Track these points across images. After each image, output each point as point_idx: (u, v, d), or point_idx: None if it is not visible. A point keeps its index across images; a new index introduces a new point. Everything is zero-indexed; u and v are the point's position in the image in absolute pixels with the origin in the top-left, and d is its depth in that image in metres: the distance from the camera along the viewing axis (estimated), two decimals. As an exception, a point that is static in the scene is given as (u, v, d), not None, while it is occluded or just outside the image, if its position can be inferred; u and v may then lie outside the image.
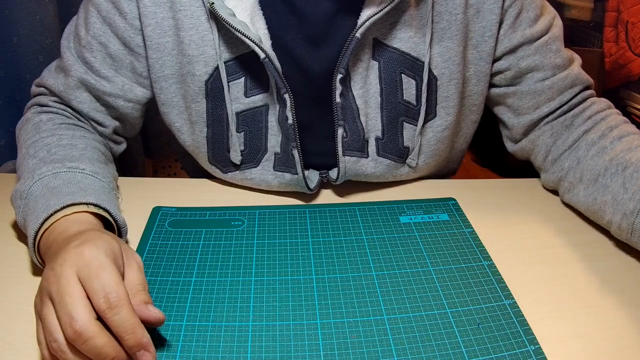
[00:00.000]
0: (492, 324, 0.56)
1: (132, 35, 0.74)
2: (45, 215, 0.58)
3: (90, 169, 0.67)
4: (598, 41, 1.75)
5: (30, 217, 0.61)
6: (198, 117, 0.76)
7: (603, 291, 0.61)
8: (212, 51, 0.72)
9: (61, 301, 0.47)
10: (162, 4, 0.72)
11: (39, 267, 0.63)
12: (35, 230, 0.58)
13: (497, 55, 0.78)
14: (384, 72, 0.73)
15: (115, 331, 0.48)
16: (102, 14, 0.74)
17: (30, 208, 0.62)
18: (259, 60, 0.69)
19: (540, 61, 0.77)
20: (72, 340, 0.46)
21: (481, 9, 0.74)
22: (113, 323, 0.48)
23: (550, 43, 0.77)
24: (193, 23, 0.71)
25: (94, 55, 0.75)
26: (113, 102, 0.77)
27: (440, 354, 0.53)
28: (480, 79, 0.78)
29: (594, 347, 0.54)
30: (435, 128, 0.78)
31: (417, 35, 0.72)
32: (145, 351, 0.49)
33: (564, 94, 0.78)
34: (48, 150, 0.69)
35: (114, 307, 0.48)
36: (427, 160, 0.80)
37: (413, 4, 0.71)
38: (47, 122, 0.74)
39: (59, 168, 0.65)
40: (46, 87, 0.78)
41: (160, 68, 0.75)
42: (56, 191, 0.62)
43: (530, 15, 0.76)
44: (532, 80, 0.78)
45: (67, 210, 0.60)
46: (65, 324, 0.47)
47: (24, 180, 0.65)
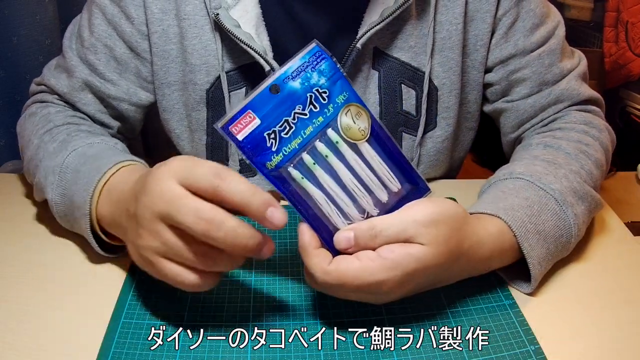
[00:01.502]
0: (492, 324, 0.56)
1: (138, 41, 0.74)
2: (99, 175, 0.58)
3: (121, 146, 0.68)
4: (598, 41, 1.75)
5: (76, 185, 0.60)
6: (198, 125, 0.76)
7: (603, 291, 0.61)
8: (214, 61, 0.72)
9: (179, 207, 0.46)
10: (168, 12, 0.72)
11: (38, 268, 0.63)
12: (91, 191, 0.58)
13: (489, 66, 0.77)
14: (384, 82, 0.73)
15: (236, 201, 0.46)
16: (108, 16, 0.73)
17: (70, 179, 0.61)
18: (260, 71, 0.69)
19: (528, 76, 0.75)
20: (205, 232, 0.45)
21: (475, 17, 0.73)
22: (232, 191, 0.46)
23: (543, 57, 0.75)
24: (197, 32, 0.71)
25: (98, 58, 0.74)
26: (117, 105, 0.76)
27: (440, 354, 0.53)
28: (473, 87, 0.78)
29: (594, 347, 0.54)
30: (435, 139, 0.78)
31: (418, 45, 0.72)
32: (272, 207, 0.47)
33: (547, 110, 0.77)
34: (68, 133, 0.69)
35: (227, 176, 0.46)
36: (426, 170, 0.79)
37: (414, 14, 0.71)
38: (57, 113, 0.74)
39: (92, 140, 0.65)
40: (49, 86, 0.78)
41: (164, 75, 0.75)
42: (99, 155, 0.62)
43: (526, 25, 0.74)
44: (518, 96, 0.77)
45: (122, 163, 0.60)
46: (194, 222, 0.45)
47: (51, 159, 0.64)
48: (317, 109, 0.52)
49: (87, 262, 0.64)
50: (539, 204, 0.60)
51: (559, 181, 0.63)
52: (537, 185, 0.62)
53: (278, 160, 0.51)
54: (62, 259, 0.64)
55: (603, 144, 0.73)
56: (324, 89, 0.52)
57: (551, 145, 0.70)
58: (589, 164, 0.68)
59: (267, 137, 0.51)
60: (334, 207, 0.52)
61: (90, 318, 0.56)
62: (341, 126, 0.52)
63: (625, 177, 0.94)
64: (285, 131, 0.51)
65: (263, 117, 0.51)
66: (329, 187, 0.52)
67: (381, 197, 0.53)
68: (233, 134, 0.50)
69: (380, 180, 0.53)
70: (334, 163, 0.52)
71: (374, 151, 0.53)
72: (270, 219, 0.47)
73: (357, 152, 0.53)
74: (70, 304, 0.58)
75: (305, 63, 0.52)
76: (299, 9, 0.71)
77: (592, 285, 0.62)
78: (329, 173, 0.52)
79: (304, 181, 0.51)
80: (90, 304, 0.58)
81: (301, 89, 0.52)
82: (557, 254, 0.61)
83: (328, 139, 0.52)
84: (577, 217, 0.62)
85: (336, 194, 0.52)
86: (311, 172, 0.52)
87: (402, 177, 0.54)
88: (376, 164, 0.53)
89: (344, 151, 0.52)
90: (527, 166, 0.66)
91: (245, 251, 0.48)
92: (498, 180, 0.66)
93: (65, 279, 0.61)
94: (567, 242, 0.61)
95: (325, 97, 0.52)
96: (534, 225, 0.59)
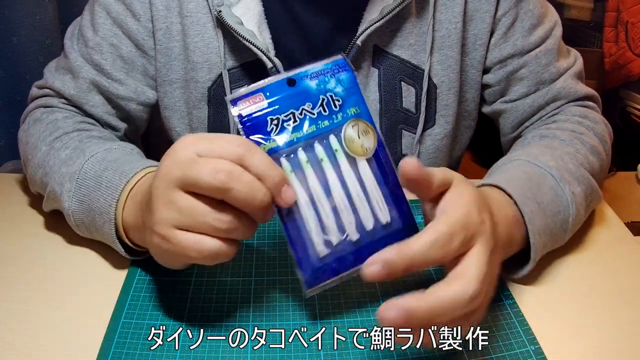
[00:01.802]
0: (492, 324, 0.56)
1: (145, 38, 0.73)
2: (126, 180, 0.57)
3: (138, 150, 0.67)
4: (598, 41, 1.75)
5: (98, 191, 0.59)
6: (199, 123, 0.76)
7: (603, 291, 0.61)
8: (216, 58, 0.72)
9: (194, 166, 0.45)
10: (172, 9, 0.71)
11: (38, 268, 0.63)
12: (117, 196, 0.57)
13: (487, 65, 0.77)
14: (384, 80, 0.73)
15: (258, 172, 0.46)
16: (112, 15, 0.73)
17: (91, 185, 0.59)
18: (263, 69, 0.69)
19: (526, 75, 0.76)
20: (223, 184, 0.45)
21: (474, 16, 0.74)
22: (256, 162, 0.46)
23: (540, 57, 0.76)
24: (199, 30, 0.71)
25: (104, 58, 0.73)
26: (125, 105, 0.76)
27: (440, 354, 0.53)
28: (471, 85, 0.78)
29: (594, 347, 0.54)
30: (434, 136, 0.78)
31: (418, 43, 0.72)
32: (287, 185, 0.48)
33: (545, 108, 0.78)
34: (80, 140, 0.67)
35: (250, 148, 0.46)
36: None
37: (414, 12, 0.71)
38: (65, 119, 0.72)
39: (109, 145, 0.64)
40: (53, 89, 0.76)
41: (166, 72, 0.74)
42: (121, 161, 0.61)
43: (525, 25, 0.75)
44: (515, 95, 0.78)
45: (149, 168, 0.59)
46: (210, 175, 0.45)
47: (66, 166, 0.62)
48: (325, 113, 0.51)
49: (87, 262, 0.64)
50: (537, 177, 0.61)
51: (554, 160, 0.63)
52: (534, 164, 0.63)
53: (272, 145, 0.50)
54: (62, 259, 0.64)
55: (598, 134, 0.73)
56: (338, 97, 0.52)
57: (546, 135, 0.72)
58: (583, 149, 0.68)
59: (269, 121, 0.50)
60: (314, 212, 0.50)
61: (90, 318, 0.56)
62: (344, 136, 0.51)
63: (625, 177, 0.94)
64: (289, 122, 0.51)
65: (271, 103, 0.51)
66: (314, 190, 0.50)
67: (366, 223, 0.51)
68: (240, 108, 0.50)
69: (370, 205, 0.51)
70: (327, 169, 0.51)
71: (371, 172, 0.51)
72: (284, 194, 0.48)
73: (354, 167, 0.51)
74: (70, 304, 0.58)
75: (327, 69, 0.52)
76: (300, 7, 0.71)
77: (592, 285, 0.62)
78: (319, 178, 0.50)
79: (292, 175, 0.50)
80: (90, 304, 0.58)
81: (316, 89, 0.52)
82: (556, 232, 0.60)
83: (328, 143, 0.51)
84: (575, 197, 0.61)
85: (319, 201, 0.50)
86: (301, 170, 0.50)
87: (395, 211, 0.52)
88: (370, 186, 0.51)
89: (341, 161, 0.51)
90: (524, 150, 0.67)
91: (260, 207, 0.47)
92: (496, 167, 0.67)
93: (65, 279, 0.61)
94: (565, 221, 0.61)
95: (337, 105, 0.52)
96: (533, 195, 0.58)
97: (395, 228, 0.52)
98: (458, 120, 0.80)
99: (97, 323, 0.55)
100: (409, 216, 0.53)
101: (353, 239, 0.51)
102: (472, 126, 0.84)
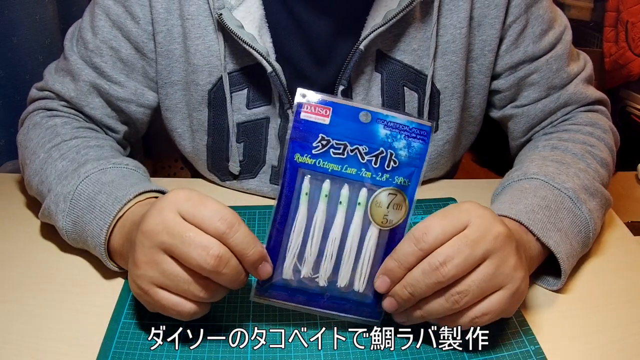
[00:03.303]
0: (492, 324, 0.56)
1: (145, 41, 0.73)
2: (119, 207, 0.58)
3: (133, 164, 0.67)
4: (598, 41, 1.75)
5: (91, 214, 0.60)
6: (199, 125, 0.76)
7: (603, 291, 0.61)
8: (217, 61, 0.72)
9: (184, 240, 0.47)
10: (173, 11, 0.71)
11: (37, 268, 0.63)
12: (108, 222, 0.58)
13: (497, 71, 0.77)
14: (387, 85, 0.72)
15: (236, 250, 0.48)
16: (112, 17, 0.73)
17: (84, 206, 0.60)
18: (263, 73, 0.69)
19: (537, 80, 0.76)
20: (213, 269, 0.47)
21: (482, 22, 0.73)
22: (235, 242, 0.48)
23: (551, 62, 0.75)
24: (200, 33, 0.71)
25: (104, 60, 0.73)
26: (125, 107, 0.76)
27: (440, 354, 0.53)
28: (478, 91, 0.77)
29: (594, 347, 0.54)
30: (436, 142, 0.77)
31: (421, 48, 0.72)
32: (265, 262, 0.50)
33: (556, 113, 0.78)
34: (77, 151, 0.68)
35: (233, 225, 0.48)
36: (426, 173, 0.79)
37: (418, 17, 0.70)
38: (64, 125, 0.72)
39: (104, 165, 0.64)
40: (53, 91, 0.76)
41: (167, 75, 0.74)
42: (115, 184, 0.61)
43: (536, 31, 0.74)
44: (526, 100, 0.78)
45: (138, 197, 0.60)
46: (201, 257, 0.47)
47: (64, 184, 0.63)
48: (375, 166, 0.50)
49: (87, 262, 0.64)
50: (555, 202, 0.62)
51: (571, 180, 0.65)
52: (552, 185, 0.64)
53: (307, 161, 0.50)
54: (62, 259, 0.64)
55: (608, 144, 0.75)
56: (397, 160, 0.50)
57: (558, 147, 0.72)
58: (595, 163, 0.70)
59: (320, 138, 0.50)
60: (302, 241, 0.51)
61: (90, 318, 0.56)
62: (375, 197, 0.50)
63: (625, 177, 0.94)
64: (337, 150, 0.50)
65: (333, 122, 0.50)
66: (315, 224, 0.51)
67: (340, 279, 0.52)
68: (302, 110, 0.50)
69: (354, 267, 0.51)
70: (339, 213, 0.51)
71: (375, 243, 0.51)
72: (260, 271, 0.51)
73: (364, 229, 0.51)
74: (70, 304, 0.58)
75: (406, 127, 0.50)
76: (301, 11, 0.70)
77: (592, 285, 0.62)
78: (327, 216, 0.51)
79: (305, 197, 0.50)
80: (90, 304, 0.58)
81: (382, 139, 0.50)
82: (579, 249, 0.63)
83: (356, 193, 0.50)
84: (592, 213, 0.64)
85: (314, 235, 0.51)
86: (316, 199, 0.51)
87: (372, 289, 0.52)
88: (366, 254, 0.51)
89: (356, 215, 0.51)
90: (540, 167, 0.68)
91: (241, 285, 0.51)
92: (513, 181, 0.68)
93: (65, 279, 0.62)
94: (587, 237, 0.63)
95: (390, 166, 0.50)
96: (553, 225, 0.60)
97: (362, 301, 0.53)
98: (462, 126, 0.79)
99: (97, 323, 0.55)
100: (379, 303, 0.53)
101: (320, 284, 0.52)
102: (476, 131, 0.83)
